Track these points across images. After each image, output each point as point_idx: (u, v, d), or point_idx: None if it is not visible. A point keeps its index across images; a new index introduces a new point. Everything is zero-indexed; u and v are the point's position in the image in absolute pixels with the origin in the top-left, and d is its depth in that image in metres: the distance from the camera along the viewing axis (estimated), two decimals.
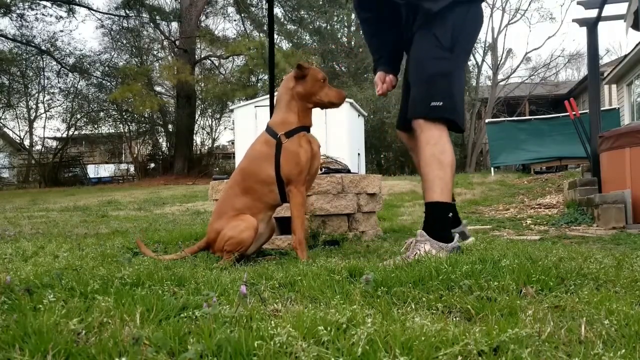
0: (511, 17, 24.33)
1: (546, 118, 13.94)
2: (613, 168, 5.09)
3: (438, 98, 2.18)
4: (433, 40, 2.23)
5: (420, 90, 2.25)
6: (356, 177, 3.25)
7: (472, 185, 10.01)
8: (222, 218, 2.41)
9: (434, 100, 2.19)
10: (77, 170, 24.28)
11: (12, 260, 2.30)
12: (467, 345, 0.99)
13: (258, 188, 2.40)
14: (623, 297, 1.43)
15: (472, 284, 1.55)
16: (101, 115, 24.30)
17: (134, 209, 7.86)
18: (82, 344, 1.04)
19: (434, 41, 2.23)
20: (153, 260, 2.19)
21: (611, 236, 3.82)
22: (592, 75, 6.10)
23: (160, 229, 4.41)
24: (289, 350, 0.98)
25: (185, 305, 1.32)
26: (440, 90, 2.19)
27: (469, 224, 4.92)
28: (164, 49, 24.80)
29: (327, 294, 1.50)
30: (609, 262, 2.00)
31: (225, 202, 2.47)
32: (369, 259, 2.22)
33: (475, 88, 23.89)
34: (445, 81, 2.21)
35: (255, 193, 2.41)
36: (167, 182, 17.58)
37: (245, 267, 2.12)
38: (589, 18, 5.87)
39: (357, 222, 3.22)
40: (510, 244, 2.67)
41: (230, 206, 2.43)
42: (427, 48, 2.25)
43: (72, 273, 1.76)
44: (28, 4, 20.33)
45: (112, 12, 22.84)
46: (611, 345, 1.05)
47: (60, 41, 22.87)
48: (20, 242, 3.19)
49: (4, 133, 25.77)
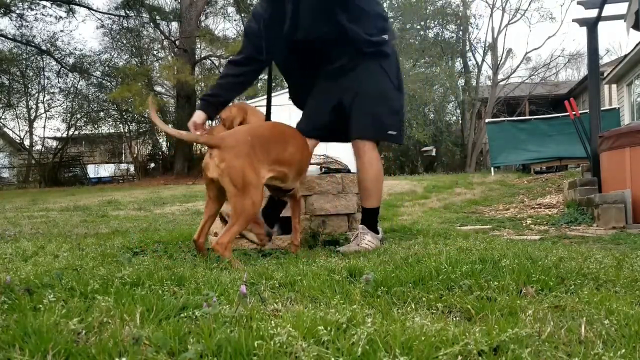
0: (511, 17, 24.32)
1: (546, 118, 13.93)
2: (613, 168, 5.09)
3: (394, 128, 2.72)
4: (386, 76, 2.70)
5: (379, 118, 2.68)
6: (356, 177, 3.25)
7: (472, 185, 10.01)
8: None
9: (391, 129, 2.71)
10: (77, 170, 24.28)
11: (12, 260, 2.30)
12: (467, 345, 0.99)
13: None
14: (623, 297, 1.43)
15: (472, 284, 1.56)
16: (101, 115, 24.29)
17: (134, 208, 7.86)
18: (82, 343, 1.04)
19: (387, 76, 2.71)
20: (153, 260, 2.19)
21: (611, 236, 3.82)
22: (592, 75, 6.10)
23: (160, 229, 4.41)
24: (289, 350, 0.98)
25: (185, 305, 1.32)
26: (397, 122, 2.74)
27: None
28: (164, 49, 24.82)
29: (327, 293, 1.50)
30: (609, 262, 2.00)
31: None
32: (369, 258, 2.22)
33: (475, 88, 23.89)
34: (401, 115, 2.77)
35: None
36: (167, 182, 17.58)
37: (246, 267, 2.12)
38: (589, 18, 5.87)
39: (357, 222, 3.22)
40: (510, 244, 2.67)
41: None
42: (385, 81, 2.70)
43: (72, 273, 1.76)
44: (27, 3, 20.35)
45: (112, 12, 22.87)
46: (611, 345, 1.05)
47: (60, 41, 22.91)
48: (20, 242, 3.19)
49: (4, 133, 25.77)
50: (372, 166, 2.70)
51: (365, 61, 2.70)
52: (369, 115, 2.69)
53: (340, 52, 2.71)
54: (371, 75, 2.71)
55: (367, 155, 2.69)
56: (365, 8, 2.64)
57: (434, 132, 21.95)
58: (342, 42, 2.66)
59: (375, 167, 2.72)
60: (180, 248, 2.90)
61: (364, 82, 2.71)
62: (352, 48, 2.68)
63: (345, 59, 2.71)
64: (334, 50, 2.71)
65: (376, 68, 2.71)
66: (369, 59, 2.70)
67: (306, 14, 2.62)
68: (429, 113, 23.73)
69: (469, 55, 25.25)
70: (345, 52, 2.70)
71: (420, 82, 21.34)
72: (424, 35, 24.89)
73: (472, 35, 26.16)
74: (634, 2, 5.20)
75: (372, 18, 2.67)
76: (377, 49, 2.68)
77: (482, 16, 54.35)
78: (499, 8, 24.66)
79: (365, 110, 2.70)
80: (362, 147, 2.69)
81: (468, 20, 24.39)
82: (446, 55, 24.21)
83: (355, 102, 2.72)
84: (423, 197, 8.42)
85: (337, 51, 2.71)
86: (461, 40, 25.02)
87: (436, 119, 23.05)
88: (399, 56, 2.89)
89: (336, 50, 2.71)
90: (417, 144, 22.12)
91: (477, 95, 23.53)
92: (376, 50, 2.68)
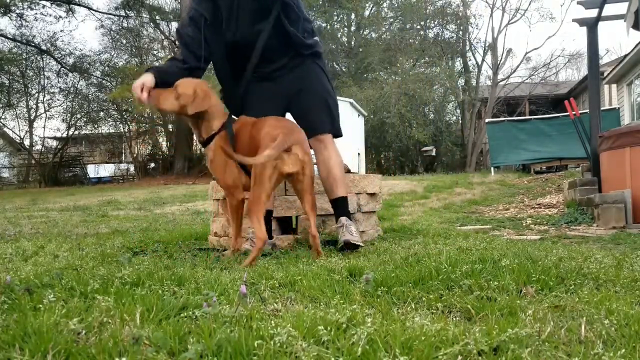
0: (511, 17, 24.33)
1: (546, 118, 13.93)
2: (613, 168, 5.09)
3: (338, 121, 2.90)
4: (324, 74, 2.89)
5: (331, 113, 2.85)
6: (356, 177, 3.25)
7: (472, 185, 10.01)
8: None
9: (337, 122, 2.88)
10: (77, 170, 24.28)
11: (12, 260, 2.30)
12: (467, 345, 0.99)
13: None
14: (623, 297, 1.43)
15: (472, 283, 1.56)
16: (101, 115, 24.30)
17: (134, 208, 7.86)
18: (82, 343, 1.04)
19: (325, 75, 2.89)
20: (153, 260, 2.19)
21: (611, 236, 3.82)
22: (592, 75, 6.10)
23: (160, 229, 4.41)
24: (289, 350, 0.98)
25: (185, 305, 1.32)
26: (339, 116, 2.92)
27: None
28: (164, 49, 24.80)
29: (327, 293, 1.50)
30: (609, 262, 2.00)
31: None
32: (369, 258, 2.22)
33: (475, 88, 23.89)
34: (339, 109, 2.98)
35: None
36: (167, 181, 17.57)
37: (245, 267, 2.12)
38: (589, 18, 5.87)
39: (357, 222, 3.22)
40: (510, 244, 2.67)
41: None
42: (325, 79, 2.89)
43: (72, 273, 1.76)
44: (27, 3, 20.36)
45: (112, 12, 22.87)
46: (611, 345, 1.05)
47: (60, 41, 22.93)
48: (20, 242, 3.19)
49: (4, 133, 25.77)
50: (337, 155, 2.81)
51: (305, 62, 2.82)
52: (325, 111, 2.83)
53: (278, 54, 2.77)
54: (314, 74, 2.84)
55: (331, 146, 2.79)
56: (298, 13, 2.71)
57: (434, 132, 21.96)
58: (281, 45, 2.72)
59: (340, 156, 2.83)
60: (180, 248, 2.90)
61: (311, 81, 2.82)
62: (292, 50, 2.77)
63: (284, 61, 2.79)
64: (272, 51, 2.74)
65: (316, 67, 2.85)
66: (307, 59, 2.82)
67: (246, 15, 2.66)
68: (429, 113, 23.75)
69: (469, 55, 25.29)
70: (283, 55, 2.77)
71: (420, 82, 21.35)
72: (424, 35, 24.91)
73: (472, 35, 26.20)
74: (634, 2, 5.20)
75: (303, 22, 2.76)
76: (313, 50, 2.82)
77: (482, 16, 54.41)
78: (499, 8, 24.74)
79: (320, 107, 2.82)
80: (324, 140, 2.79)
81: (468, 20, 24.41)
82: (446, 55, 24.22)
83: (306, 100, 2.82)
84: (423, 197, 8.42)
85: (275, 53, 2.76)
86: (461, 40, 25.03)
87: (436, 119, 23.06)
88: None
89: (274, 51, 2.75)
90: (417, 144, 22.14)
91: (477, 95, 23.53)
92: (312, 51, 2.82)
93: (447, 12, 24.21)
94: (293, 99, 2.83)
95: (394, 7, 25.27)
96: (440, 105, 23.74)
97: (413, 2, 23.89)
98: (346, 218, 2.71)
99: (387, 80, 22.83)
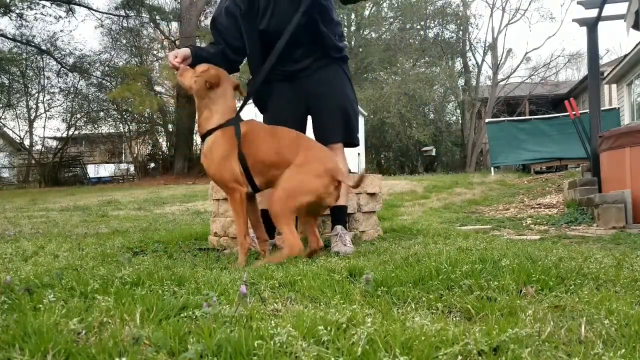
0: (511, 17, 24.40)
1: (546, 118, 13.94)
2: (613, 168, 5.09)
3: (357, 131, 2.89)
4: (348, 80, 2.86)
5: (348, 121, 2.81)
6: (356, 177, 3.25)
7: (472, 185, 10.01)
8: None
9: (357, 133, 2.88)
10: (77, 170, 24.29)
11: (12, 260, 2.30)
12: (467, 345, 0.99)
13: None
14: (623, 297, 1.43)
15: (472, 283, 1.55)
16: (101, 115, 24.30)
17: (134, 208, 7.86)
18: (82, 343, 1.04)
19: (349, 80, 2.86)
20: (153, 260, 2.19)
21: (611, 236, 3.82)
22: (592, 75, 6.10)
23: (160, 229, 4.42)
24: (289, 350, 0.98)
25: (185, 305, 1.32)
26: (358, 125, 2.90)
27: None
28: (164, 48, 24.80)
29: (327, 293, 1.50)
30: (609, 262, 2.00)
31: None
32: (369, 258, 2.22)
33: (475, 88, 23.89)
34: (358, 118, 2.92)
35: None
36: (167, 181, 17.58)
37: (246, 267, 2.12)
38: (589, 18, 5.87)
39: (357, 222, 3.22)
40: (510, 244, 2.67)
41: None
42: (348, 85, 2.85)
43: (72, 273, 1.76)
44: (27, 3, 20.32)
45: (112, 12, 22.86)
46: (611, 345, 1.05)
47: (60, 41, 22.93)
48: (20, 241, 3.19)
49: (4, 133, 25.77)
50: (344, 165, 2.79)
51: (330, 65, 2.78)
52: (341, 119, 2.78)
53: (305, 53, 2.74)
54: (338, 79, 2.81)
55: (340, 156, 2.76)
56: (332, 15, 2.71)
57: (434, 132, 21.95)
58: (310, 44, 2.70)
59: (346, 165, 2.81)
60: (180, 248, 2.90)
61: (333, 86, 2.79)
62: (320, 51, 2.74)
63: (309, 61, 2.76)
64: (299, 49, 2.71)
65: (341, 73, 2.83)
66: (334, 63, 2.79)
67: (283, 5, 2.63)
68: (429, 113, 23.75)
69: (469, 55, 25.29)
70: (310, 54, 2.74)
71: (420, 82, 21.34)
72: (424, 35, 24.90)
73: (472, 35, 26.20)
74: (634, 2, 5.20)
75: (335, 24, 2.75)
76: (341, 55, 2.80)
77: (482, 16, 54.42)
78: (499, 8, 24.77)
79: (337, 114, 2.78)
80: (334, 149, 2.75)
81: (468, 20, 24.41)
82: (446, 55, 24.22)
83: (324, 105, 2.78)
84: (423, 197, 8.42)
85: (303, 51, 2.73)
86: (461, 40, 25.03)
87: (436, 119, 23.06)
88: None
89: (302, 50, 2.72)
90: (417, 144, 22.13)
91: (477, 95, 23.53)
92: (341, 55, 2.80)
93: (447, 12, 24.21)
94: (311, 101, 2.81)
95: (394, 7, 25.24)
96: (440, 105, 23.74)
97: (413, 2, 23.88)
98: (342, 227, 2.73)
99: (387, 80, 22.83)
